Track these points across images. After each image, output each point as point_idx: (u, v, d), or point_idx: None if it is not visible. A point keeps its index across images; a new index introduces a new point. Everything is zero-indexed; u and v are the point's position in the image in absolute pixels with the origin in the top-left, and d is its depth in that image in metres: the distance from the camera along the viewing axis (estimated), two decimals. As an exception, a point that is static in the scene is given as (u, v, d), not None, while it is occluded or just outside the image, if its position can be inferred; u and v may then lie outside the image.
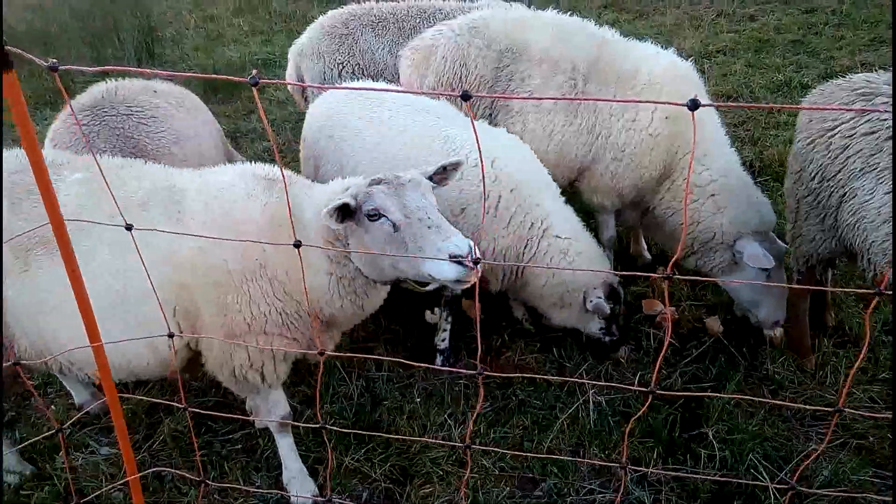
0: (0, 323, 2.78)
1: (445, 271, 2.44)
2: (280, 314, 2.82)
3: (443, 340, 4.05)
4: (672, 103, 1.26)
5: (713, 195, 3.88)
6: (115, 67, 1.43)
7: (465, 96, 1.34)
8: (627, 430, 1.91)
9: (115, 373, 2.80)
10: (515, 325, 4.32)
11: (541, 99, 3.73)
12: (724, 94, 7.21)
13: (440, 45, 4.18)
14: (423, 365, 2.24)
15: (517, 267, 3.69)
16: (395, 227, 2.56)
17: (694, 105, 1.19)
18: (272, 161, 6.70)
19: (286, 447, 3.26)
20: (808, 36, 8.61)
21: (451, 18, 4.81)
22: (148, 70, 1.65)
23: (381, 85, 4.35)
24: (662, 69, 3.96)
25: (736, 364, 3.95)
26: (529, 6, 4.88)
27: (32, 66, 7.98)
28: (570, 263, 3.64)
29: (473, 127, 1.68)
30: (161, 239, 2.54)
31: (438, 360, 4.06)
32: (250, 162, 3.09)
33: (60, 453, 3.45)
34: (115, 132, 3.81)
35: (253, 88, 1.39)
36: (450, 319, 4.02)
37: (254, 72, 1.39)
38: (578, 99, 3.23)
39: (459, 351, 4.19)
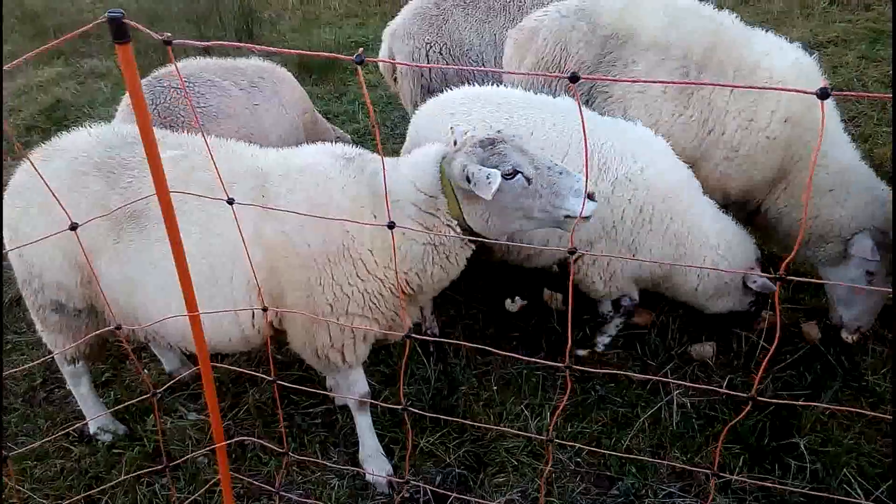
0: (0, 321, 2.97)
1: (588, 206, 2.63)
2: (362, 294, 2.84)
3: (604, 345, 4.00)
4: (802, 91, 1.17)
5: (831, 190, 3.71)
6: (221, 42, 1.46)
7: (574, 78, 1.28)
8: (723, 436, 1.82)
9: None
10: (597, 318, 4.22)
11: (652, 82, 3.51)
12: (834, 88, 6.79)
13: (544, 26, 4.04)
14: (503, 353, 2.19)
15: (667, 273, 3.61)
16: (529, 180, 2.64)
17: (823, 94, 1.10)
18: (362, 142, 6.79)
19: (364, 425, 3.30)
20: (929, 27, 8.01)
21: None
22: (250, 45, 1.67)
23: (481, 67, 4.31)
24: (786, 66, 3.67)
25: (833, 373, 3.73)
26: None
27: (138, 41, 8.35)
28: (723, 258, 3.53)
29: (581, 112, 1.63)
30: (247, 222, 2.60)
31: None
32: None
33: (151, 416, 3.61)
34: (155, 103, 3.97)
35: (358, 66, 1.38)
36: (619, 325, 3.94)
37: (360, 50, 1.38)
38: (694, 83, 3.08)
39: (538, 342, 4.13)
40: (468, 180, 2.57)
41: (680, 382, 3.14)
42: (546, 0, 4.72)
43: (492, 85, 3.86)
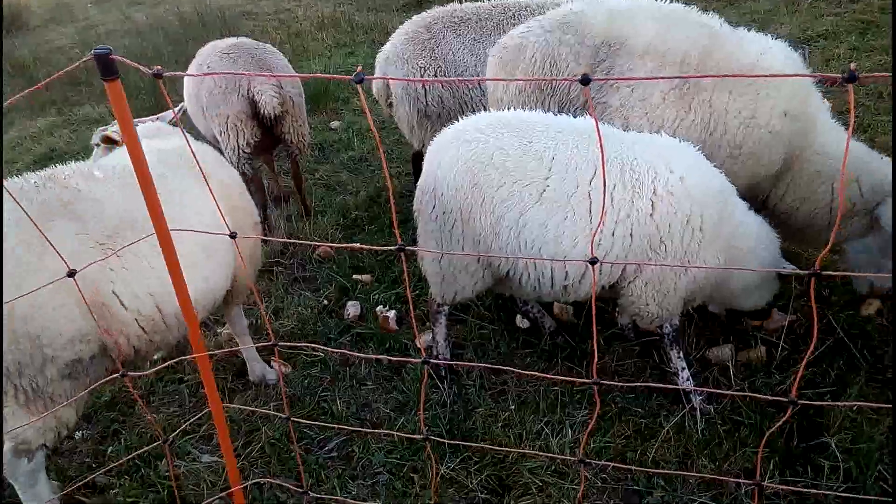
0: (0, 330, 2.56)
1: None
2: None
3: (687, 380, 3.62)
4: (830, 76, 1.12)
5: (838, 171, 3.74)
6: (212, 73, 1.41)
7: (585, 80, 1.23)
8: (763, 443, 1.74)
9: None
10: (609, 328, 4.15)
11: (659, 79, 3.45)
12: (828, 81, 6.77)
13: (529, 43, 3.98)
14: (523, 372, 2.12)
15: (723, 279, 3.53)
16: None
17: (852, 77, 1.07)
18: (358, 168, 6.74)
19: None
20: (917, 14, 8.01)
21: (537, 15, 4.67)
22: (246, 72, 1.65)
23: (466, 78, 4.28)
24: (781, 63, 3.70)
25: (856, 367, 3.65)
26: None
27: (129, 85, 8.37)
28: (764, 254, 3.49)
29: (594, 116, 1.58)
30: None
31: (697, 398, 3.55)
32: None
33: (164, 461, 3.52)
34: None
35: (358, 85, 1.33)
36: (682, 356, 3.66)
37: (358, 68, 1.33)
38: (698, 76, 3.02)
39: (553, 357, 4.05)
40: None
41: (701, 389, 3.06)
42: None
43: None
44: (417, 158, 5.44)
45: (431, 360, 1.74)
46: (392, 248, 1.56)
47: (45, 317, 2.57)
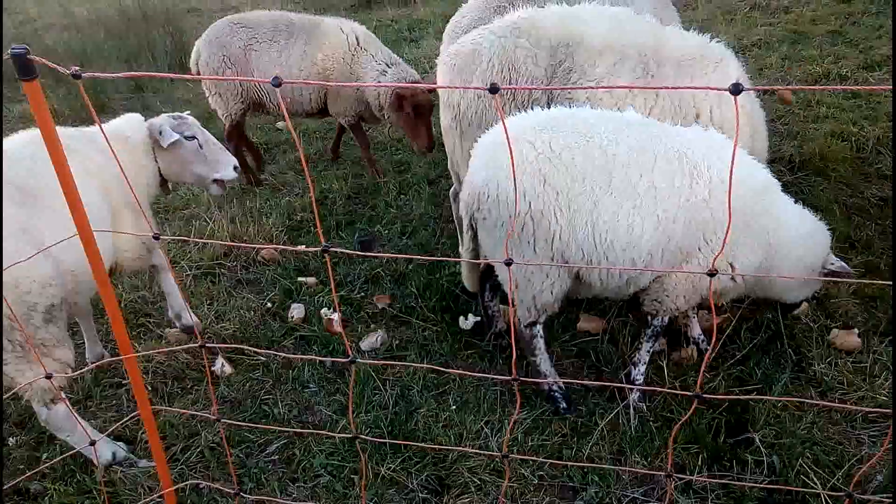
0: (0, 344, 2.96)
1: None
2: None
3: (640, 374, 3.73)
4: (716, 88, 1.20)
5: None
6: (135, 74, 1.42)
7: (493, 89, 1.28)
8: (672, 437, 1.83)
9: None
10: (551, 328, 4.23)
11: (596, 88, 3.51)
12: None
13: (484, 49, 4.03)
14: (456, 371, 2.18)
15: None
16: (201, 146, 4.12)
17: (736, 90, 1.13)
18: (301, 171, 6.72)
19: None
20: (845, 26, 8.38)
21: None
22: (177, 75, 1.66)
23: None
24: (721, 51, 3.97)
25: (782, 365, 3.82)
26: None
27: (71, 83, 8.17)
28: (810, 249, 3.49)
29: (503, 122, 1.63)
30: None
31: (635, 395, 3.66)
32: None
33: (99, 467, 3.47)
34: None
35: (276, 90, 1.36)
36: (650, 350, 3.74)
37: (275, 72, 1.36)
38: (635, 86, 3.11)
39: (494, 358, 4.12)
40: (160, 133, 3.87)
41: (633, 386, 3.16)
42: None
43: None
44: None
45: (359, 360, 1.77)
46: (316, 248, 1.59)
47: (20, 267, 2.80)
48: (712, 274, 1.71)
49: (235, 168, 4.27)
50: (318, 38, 6.07)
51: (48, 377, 2.37)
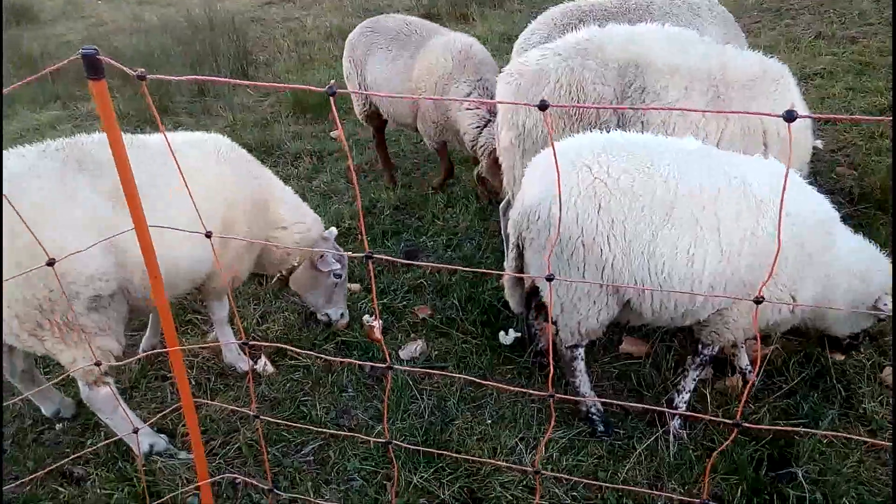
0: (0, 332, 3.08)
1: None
2: None
3: (684, 402, 3.66)
4: (768, 114, 1.18)
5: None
6: (198, 77, 1.47)
7: (543, 105, 1.29)
8: (711, 464, 1.79)
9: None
10: (592, 348, 4.19)
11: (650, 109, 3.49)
12: (823, 120, 6.87)
13: (551, 69, 3.99)
14: (494, 384, 2.18)
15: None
16: (337, 283, 4.49)
17: (790, 116, 1.12)
18: (351, 181, 6.81)
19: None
20: (914, 58, 8.12)
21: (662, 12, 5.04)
22: (238, 81, 1.73)
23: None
24: (779, 68, 4.01)
25: (830, 401, 3.70)
26: None
27: (137, 84, 8.47)
28: (862, 281, 3.37)
29: (552, 142, 1.64)
30: None
31: (676, 422, 3.59)
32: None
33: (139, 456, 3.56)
34: None
35: (330, 98, 1.39)
36: (696, 378, 3.66)
37: (331, 82, 1.40)
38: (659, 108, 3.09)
39: (532, 375, 4.10)
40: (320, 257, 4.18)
41: (674, 412, 3.10)
42: None
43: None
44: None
45: (396, 367, 1.79)
46: (360, 255, 1.61)
47: (70, 259, 2.81)
48: (758, 302, 1.68)
49: (343, 315, 4.55)
50: (422, 52, 5.71)
51: (97, 364, 2.45)
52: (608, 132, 3.56)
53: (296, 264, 4.35)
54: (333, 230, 4.51)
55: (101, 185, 3.21)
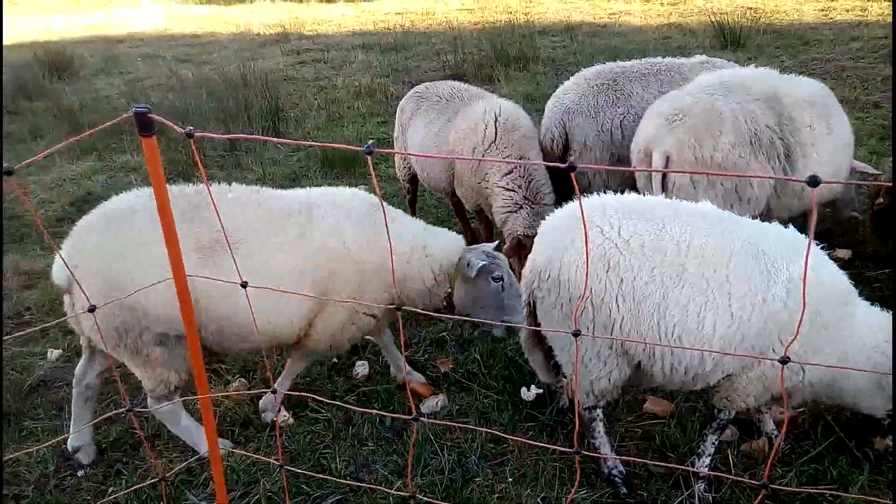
0: (0, 337, 3.38)
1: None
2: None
3: (705, 466, 3.55)
4: (796, 179, 1.22)
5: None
6: (241, 136, 1.55)
7: (571, 167, 1.34)
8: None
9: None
10: (615, 407, 4.16)
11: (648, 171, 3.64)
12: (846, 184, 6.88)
13: (723, 107, 4.46)
14: (519, 438, 2.18)
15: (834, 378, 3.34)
16: (503, 288, 4.24)
17: (814, 182, 1.17)
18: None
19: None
20: (938, 123, 8.14)
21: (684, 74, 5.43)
22: (272, 138, 1.80)
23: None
24: (824, 87, 4.98)
25: (860, 466, 3.62)
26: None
27: (170, 138, 8.73)
28: (884, 355, 3.26)
29: (579, 201, 1.68)
30: None
31: (701, 486, 3.51)
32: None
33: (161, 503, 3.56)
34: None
35: (367, 157, 1.46)
36: (716, 442, 3.58)
37: (370, 141, 1.47)
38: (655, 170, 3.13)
39: (554, 433, 4.06)
40: (468, 265, 3.98)
41: (699, 470, 3.06)
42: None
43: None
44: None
45: (422, 419, 1.80)
46: (391, 306, 1.65)
47: (143, 296, 3.23)
48: (784, 362, 1.68)
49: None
50: (460, 117, 5.54)
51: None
52: (778, 161, 4.48)
53: (449, 290, 4.13)
54: (487, 245, 4.36)
55: (195, 234, 3.54)
